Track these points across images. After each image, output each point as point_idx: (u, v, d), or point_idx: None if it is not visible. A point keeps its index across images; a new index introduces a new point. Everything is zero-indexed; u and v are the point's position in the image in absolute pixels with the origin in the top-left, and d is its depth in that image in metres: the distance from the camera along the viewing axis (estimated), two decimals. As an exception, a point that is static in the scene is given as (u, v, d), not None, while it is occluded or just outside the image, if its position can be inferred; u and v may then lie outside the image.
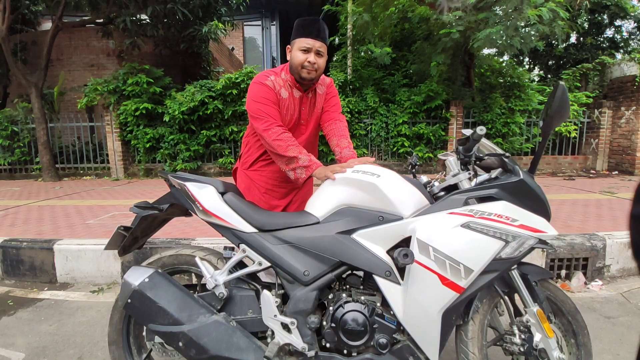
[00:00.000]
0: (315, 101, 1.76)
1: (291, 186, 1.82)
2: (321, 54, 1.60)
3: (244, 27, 14.33)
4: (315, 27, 1.57)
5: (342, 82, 7.38)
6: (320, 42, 1.58)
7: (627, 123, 7.31)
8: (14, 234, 3.13)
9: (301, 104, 1.70)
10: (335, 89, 1.84)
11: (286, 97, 1.65)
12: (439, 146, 7.43)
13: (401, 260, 1.14)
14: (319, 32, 1.57)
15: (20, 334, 2.08)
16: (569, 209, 3.94)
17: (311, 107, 1.75)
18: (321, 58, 1.61)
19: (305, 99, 1.72)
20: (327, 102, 1.79)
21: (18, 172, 7.89)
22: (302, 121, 1.74)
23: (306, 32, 1.57)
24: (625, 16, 10.20)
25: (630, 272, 2.78)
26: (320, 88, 1.77)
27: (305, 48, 1.57)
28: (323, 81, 1.79)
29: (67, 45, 8.84)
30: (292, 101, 1.67)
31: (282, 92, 1.64)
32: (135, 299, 1.30)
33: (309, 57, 1.57)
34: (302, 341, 1.26)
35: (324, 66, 1.64)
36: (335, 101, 1.81)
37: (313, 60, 1.57)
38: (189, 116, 7.08)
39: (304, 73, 1.59)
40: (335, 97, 1.82)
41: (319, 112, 1.79)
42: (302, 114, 1.73)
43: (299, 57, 1.58)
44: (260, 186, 1.80)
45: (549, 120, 1.18)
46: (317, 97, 1.76)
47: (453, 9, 5.88)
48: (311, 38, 1.56)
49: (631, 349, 1.87)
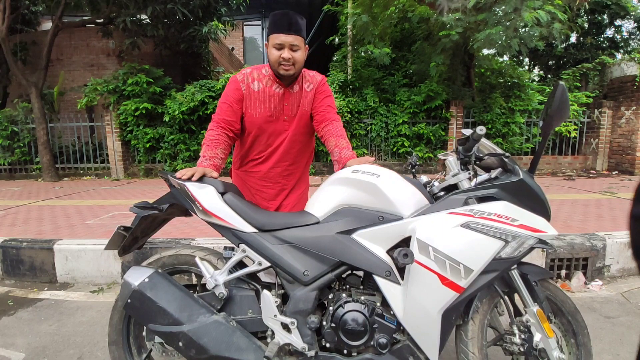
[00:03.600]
0: (301, 98, 1.70)
1: (280, 187, 1.79)
2: (296, 48, 1.55)
3: (244, 27, 14.34)
4: (286, 20, 1.52)
5: (342, 82, 7.38)
6: (294, 36, 1.53)
7: (627, 123, 7.31)
8: (14, 234, 3.13)
9: (284, 99, 1.67)
10: (328, 88, 1.77)
11: (258, 89, 1.64)
12: (439, 146, 7.43)
13: (401, 260, 1.14)
14: (290, 26, 1.52)
15: (20, 334, 2.08)
16: (569, 209, 3.94)
17: (296, 103, 1.69)
18: (297, 52, 1.56)
19: (289, 95, 1.67)
20: (321, 102, 1.71)
21: (18, 172, 7.89)
22: (284, 117, 1.69)
23: (278, 28, 1.53)
24: (625, 16, 10.20)
25: (630, 272, 2.78)
26: (307, 85, 1.71)
27: (278, 45, 1.53)
28: (313, 78, 1.73)
29: (67, 45, 8.84)
30: (267, 95, 1.65)
31: (253, 85, 1.63)
32: (135, 299, 1.30)
33: (283, 53, 1.53)
34: (302, 341, 1.26)
35: (302, 59, 1.59)
36: (330, 102, 1.74)
37: (287, 56, 1.53)
38: (189, 116, 7.09)
39: (282, 70, 1.57)
40: (330, 97, 1.75)
41: (306, 110, 1.72)
42: (285, 109, 1.68)
43: (273, 54, 1.55)
44: (250, 187, 1.80)
45: (549, 120, 1.18)
46: (303, 93, 1.70)
47: (453, 9, 5.88)
48: (283, 33, 1.52)
49: (631, 349, 1.87)
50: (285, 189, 1.80)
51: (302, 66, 1.63)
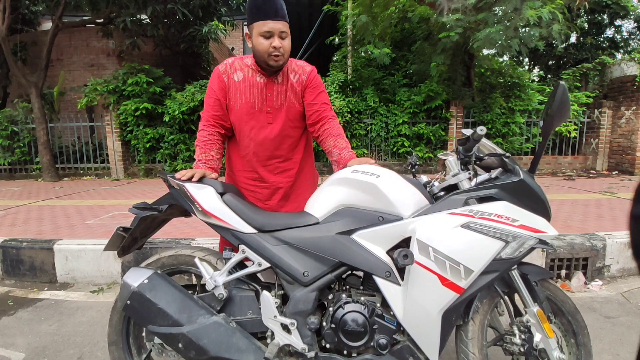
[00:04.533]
0: (287, 89, 1.58)
1: (274, 187, 1.66)
2: (284, 35, 1.45)
3: (244, 27, 14.32)
4: (271, 5, 1.40)
5: (342, 82, 7.37)
6: (282, 22, 1.42)
7: (627, 123, 7.31)
8: (14, 234, 3.13)
9: (266, 89, 1.56)
10: (320, 80, 1.64)
11: (239, 79, 1.55)
12: (439, 146, 7.43)
13: (401, 260, 1.14)
14: (277, 11, 1.40)
15: (20, 334, 2.08)
16: (569, 209, 3.94)
17: (281, 94, 1.58)
18: (285, 39, 1.46)
19: (271, 85, 1.56)
20: (315, 99, 1.60)
21: (18, 172, 7.89)
22: (267, 109, 1.58)
23: (263, 14, 1.40)
24: (625, 16, 10.20)
25: (630, 272, 2.77)
26: (293, 75, 1.59)
27: (267, 32, 1.41)
28: (301, 68, 1.61)
29: (67, 45, 8.84)
30: (248, 84, 1.55)
31: (234, 76, 1.55)
32: (135, 300, 1.29)
33: (274, 41, 1.42)
34: (302, 342, 1.26)
35: (289, 48, 1.49)
36: (324, 98, 1.62)
37: (278, 45, 1.43)
38: (189, 116, 7.09)
39: (272, 61, 1.45)
40: (323, 92, 1.63)
41: (292, 103, 1.60)
42: (268, 100, 1.57)
43: (262, 44, 1.43)
44: (242, 188, 1.70)
45: (549, 120, 1.18)
46: (288, 84, 1.58)
47: (453, 9, 5.87)
48: (270, 20, 1.40)
49: (631, 349, 1.87)
50: (281, 188, 1.66)
51: (289, 57, 1.53)
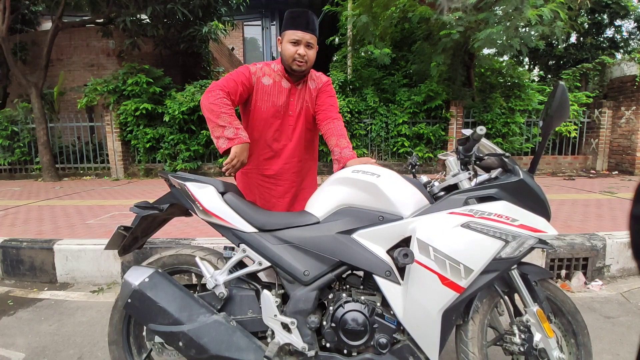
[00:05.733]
0: (305, 94, 1.75)
1: (289, 184, 1.80)
2: (311, 46, 1.62)
3: (244, 27, 14.33)
4: (304, 19, 1.59)
5: (342, 82, 7.38)
6: (310, 34, 1.60)
7: (627, 123, 7.32)
8: (14, 234, 3.13)
9: (290, 94, 1.72)
10: (332, 89, 1.83)
11: (268, 84, 1.68)
12: (439, 146, 7.43)
13: (401, 260, 1.14)
14: (308, 24, 1.59)
15: (20, 334, 2.08)
16: (569, 209, 3.94)
17: (300, 99, 1.74)
18: (311, 50, 1.63)
19: (294, 90, 1.73)
20: (324, 100, 1.76)
21: (18, 172, 7.89)
22: (290, 112, 1.74)
23: (295, 24, 1.59)
24: (625, 16, 10.20)
25: (630, 272, 2.78)
26: (311, 83, 1.77)
27: (295, 40, 1.59)
28: (319, 78, 1.79)
29: (67, 45, 8.84)
30: (276, 89, 1.69)
31: (264, 79, 1.68)
32: (135, 299, 1.30)
33: (299, 49, 1.59)
34: (302, 341, 1.26)
35: (314, 58, 1.66)
36: (333, 101, 1.79)
37: (303, 53, 1.60)
38: (189, 116, 7.09)
39: (295, 65, 1.62)
40: (333, 97, 1.80)
41: (309, 107, 1.77)
42: (291, 105, 1.73)
43: (289, 50, 1.60)
44: (257, 185, 1.80)
45: (549, 120, 1.18)
46: (307, 90, 1.76)
47: (453, 9, 5.88)
48: (300, 30, 1.58)
49: (631, 349, 1.87)
50: (294, 186, 1.82)
51: (312, 65, 1.69)
